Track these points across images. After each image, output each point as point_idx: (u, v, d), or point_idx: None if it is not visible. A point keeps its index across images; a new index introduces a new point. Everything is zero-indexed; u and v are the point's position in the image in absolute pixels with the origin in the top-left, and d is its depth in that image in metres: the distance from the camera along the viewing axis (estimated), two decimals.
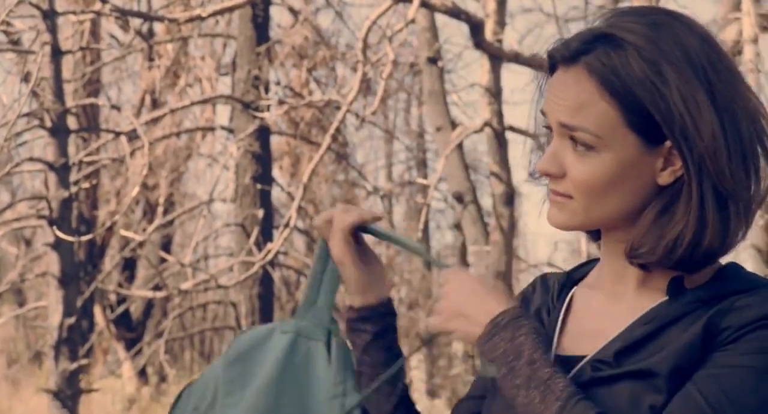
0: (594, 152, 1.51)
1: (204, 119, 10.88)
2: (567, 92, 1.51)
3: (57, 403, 6.15)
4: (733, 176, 1.50)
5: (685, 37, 1.51)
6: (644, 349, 1.55)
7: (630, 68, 1.48)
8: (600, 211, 1.56)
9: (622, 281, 1.61)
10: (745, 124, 1.52)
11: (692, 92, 1.48)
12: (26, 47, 6.31)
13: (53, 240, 6.15)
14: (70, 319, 6.22)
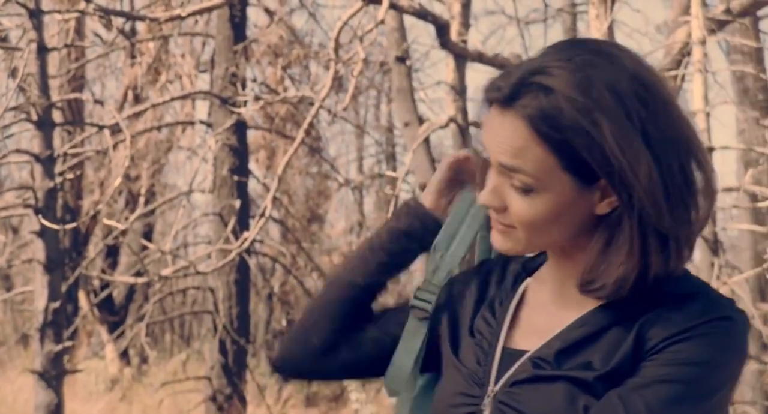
0: (533, 192, 1.49)
1: (184, 114, 10.84)
2: (504, 135, 1.49)
3: (42, 383, 6.12)
4: (672, 214, 1.48)
5: (614, 78, 1.47)
6: (583, 351, 1.53)
7: (562, 116, 1.45)
8: (541, 241, 1.55)
9: (565, 284, 1.59)
10: (681, 155, 1.49)
11: (626, 137, 1.45)
12: (13, 44, 6.26)
13: (39, 228, 6.12)
14: (55, 303, 6.19)
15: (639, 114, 1.46)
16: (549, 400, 1.51)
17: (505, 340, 1.61)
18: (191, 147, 11.82)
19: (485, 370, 1.60)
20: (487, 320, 1.66)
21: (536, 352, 1.56)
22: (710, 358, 1.49)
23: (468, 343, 1.66)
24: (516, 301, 1.65)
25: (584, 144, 1.45)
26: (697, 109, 6.87)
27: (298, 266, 11.65)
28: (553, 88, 1.45)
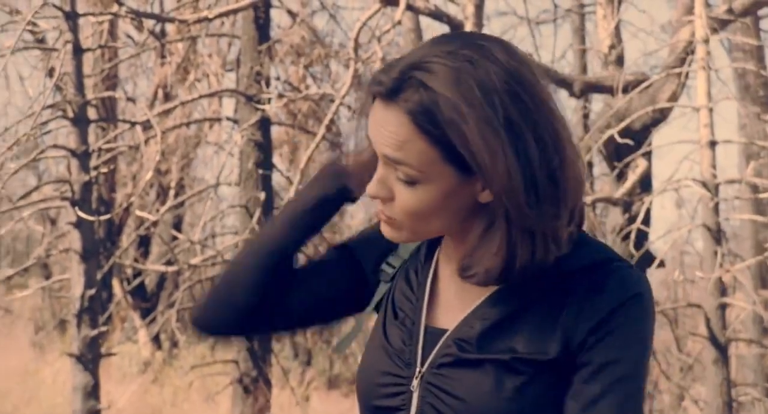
0: (417, 184, 1.47)
1: (211, 111, 10.85)
2: (389, 129, 1.47)
3: (79, 365, 6.16)
4: (535, 210, 1.45)
5: (488, 76, 1.44)
6: (505, 333, 1.51)
7: (439, 111, 1.43)
8: (427, 229, 1.53)
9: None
10: (549, 152, 1.46)
11: (489, 134, 1.43)
12: (50, 45, 6.28)
13: (75, 219, 6.15)
14: (91, 290, 6.22)
15: (507, 111, 1.43)
16: (477, 383, 1.49)
17: (426, 318, 1.59)
18: (218, 142, 11.84)
19: (411, 350, 1.57)
20: (407, 296, 1.63)
21: (458, 333, 1.54)
22: (639, 342, 1.50)
23: (392, 322, 1.63)
24: (431, 275, 1.62)
25: (456, 137, 1.43)
26: (701, 104, 6.85)
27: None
28: (430, 84, 1.44)
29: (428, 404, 1.52)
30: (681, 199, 12.81)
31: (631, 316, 1.49)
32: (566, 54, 11.80)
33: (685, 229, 7.41)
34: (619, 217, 7.85)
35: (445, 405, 1.51)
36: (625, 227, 7.57)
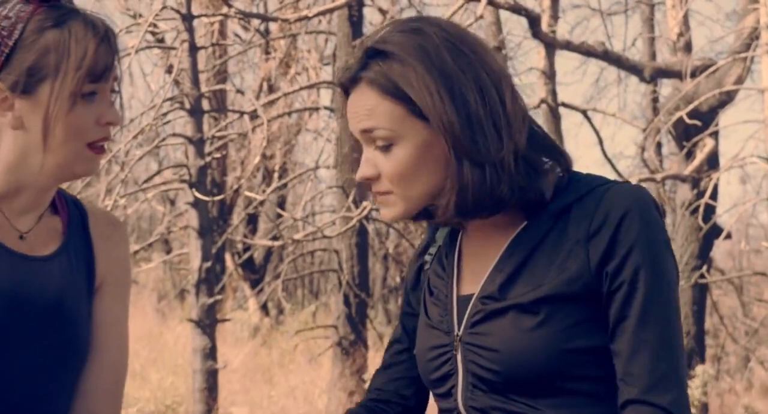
0: (394, 146, 1.48)
1: (310, 101, 10.92)
2: (358, 105, 1.49)
3: (198, 330, 6.27)
4: (476, 145, 1.46)
5: (428, 37, 1.48)
6: (522, 278, 1.50)
7: (394, 70, 1.47)
8: (416, 193, 1.51)
9: (477, 226, 1.56)
10: (489, 95, 1.48)
11: (431, 81, 1.46)
12: (169, 44, 6.39)
13: (192, 200, 6.24)
14: (207, 263, 6.32)
15: (446, 62, 1.47)
16: (504, 330, 1.48)
17: (457, 289, 1.58)
18: (317, 129, 11.92)
19: (447, 319, 1.56)
20: (438, 275, 1.63)
21: (482, 292, 1.52)
22: (657, 247, 1.47)
23: (430, 300, 1.62)
24: (457, 250, 1.61)
25: (411, 89, 1.46)
26: (766, 86, 6.67)
27: (409, 230, 11.65)
28: (384, 51, 1.48)
29: (471, 362, 1.51)
30: (746, 176, 12.53)
31: (639, 226, 1.46)
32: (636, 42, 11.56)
33: (750, 203, 7.28)
34: (687, 193, 7.70)
35: (484, 359, 1.49)
36: (694, 202, 7.45)
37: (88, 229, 1.76)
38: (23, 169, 1.62)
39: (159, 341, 9.49)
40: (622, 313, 1.46)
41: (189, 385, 6.84)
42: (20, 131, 1.59)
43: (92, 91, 1.60)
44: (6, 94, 1.57)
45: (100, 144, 1.63)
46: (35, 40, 1.58)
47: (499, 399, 1.49)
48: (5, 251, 1.63)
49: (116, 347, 1.75)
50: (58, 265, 1.68)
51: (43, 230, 1.71)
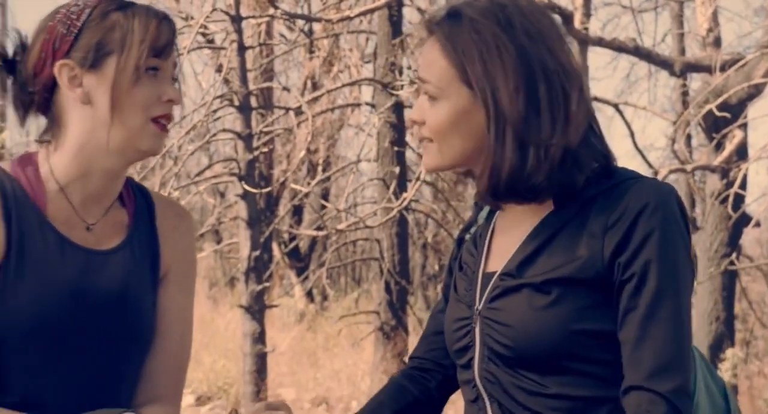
0: (437, 101, 1.50)
1: (352, 97, 10.93)
2: (423, 55, 1.52)
3: (248, 315, 6.31)
4: (525, 122, 1.45)
5: (511, 13, 1.47)
6: (539, 260, 1.49)
7: (460, 36, 1.47)
8: (449, 151, 1.52)
9: (510, 207, 1.55)
10: (554, 81, 1.46)
11: (496, 57, 1.45)
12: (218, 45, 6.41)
13: (242, 192, 6.28)
14: (256, 252, 6.35)
15: (521, 42, 1.46)
16: (517, 306, 1.48)
17: (485, 266, 1.58)
18: (359, 124, 11.92)
19: (471, 293, 1.56)
20: (470, 252, 1.63)
21: (503, 269, 1.52)
22: (670, 244, 1.44)
23: (459, 275, 1.63)
24: (490, 230, 1.62)
25: (471, 60, 1.47)
26: None
27: (447, 220, 11.65)
28: (462, 15, 1.48)
29: (487, 336, 1.51)
30: None
31: (655, 221, 1.44)
32: (666, 38, 11.42)
33: None
34: (717, 183, 7.61)
35: (498, 333, 1.50)
36: (723, 192, 7.35)
37: (154, 220, 1.77)
38: (91, 148, 1.64)
39: (211, 326, 9.57)
40: (631, 304, 1.44)
41: (239, 368, 6.89)
42: (88, 107, 1.62)
43: (155, 66, 1.62)
44: (76, 70, 1.61)
45: (163, 121, 1.64)
46: (101, 20, 1.61)
47: (510, 373, 1.49)
48: (71, 246, 1.64)
49: (179, 334, 1.76)
50: (122, 258, 1.69)
51: (110, 223, 1.72)
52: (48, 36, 1.62)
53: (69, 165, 1.66)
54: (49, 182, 1.67)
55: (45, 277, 1.63)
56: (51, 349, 1.62)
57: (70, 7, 1.62)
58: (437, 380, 1.72)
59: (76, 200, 1.69)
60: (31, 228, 1.64)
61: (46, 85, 1.63)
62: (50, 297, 1.61)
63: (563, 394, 1.47)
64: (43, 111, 1.67)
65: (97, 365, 1.66)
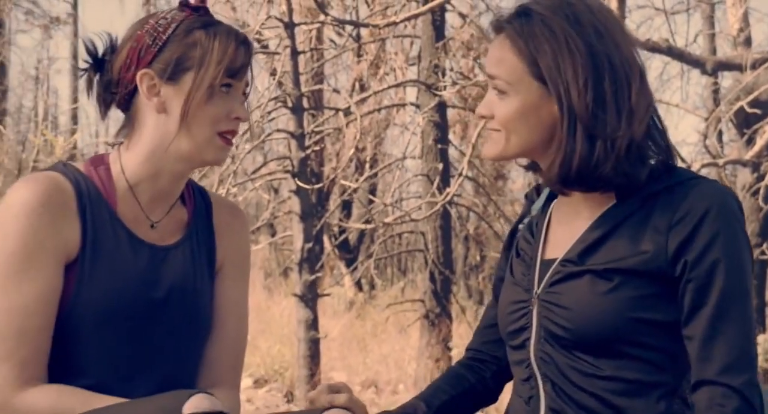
0: (507, 96, 1.49)
1: (398, 98, 10.91)
2: (493, 51, 1.51)
3: (302, 304, 6.34)
4: (595, 118, 1.44)
5: (579, 10, 1.46)
6: (602, 249, 1.48)
7: (531, 32, 1.46)
8: (518, 140, 1.51)
9: (573, 197, 1.55)
10: (620, 75, 1.45)
11: (567, 52, 1.44)
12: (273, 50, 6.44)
13: (295, 188, 6.31)
14: (308, 244, 6.38)
15: (589, 41, 1.45)
16: (577, 291, 1.48)
17: (542, 253, 1.57)
18: (404, 124, 11.89)
19: (529, 278, 1.56)
20: (527, 240, 1.62)
21: (564, 256, 1.52)
22: (735, 246, 1.43)
23: (516, 261, 1.63)
24: (546, 219, 1.61)
25: (543, 55, 1.45)
26: None
27: (488, 213, 11.59)
28: (532, 12, 1.47)
29: (544, 318, 1.51)
30: None
31: (720, 223, 1.43)
32: (697, 38, 11.23)
33: None
34: (748, 177, 7.49)
35: (556, 315, 1.49)
36: (754, 185, 7.25)
37: (211, 218, 1.79)
38: (161, 153, 1.66)
39: (267, 314, 9.63)
40: (699, 301, 1.43)
41: (294, 353, 6.94)
42: (162, 115, 1.65)
43: (228, 84, 1.64)
44: (155, 80, 1.63)
45: (228, 135, 1.66)
46: (184, 37, 1.64)
47: (566, 354, 1.49)
48: (137, 241, 1.67)
49: (235, 323, 1.78)
50: (182, 253, 1.71)
51: (172, 221, 1.74)
52: (135, 44, 1.64)
53: (140, 166, 1.69)
54: (119, 181, 1.69)
55: (115, 270, 1.65)
56: (120, 336, 1.65)
57: (159, 19, 1.65)
58: (492, 370, 1.73)
59: (144, 199, 1.71)
60: (104, 224, 1.67)
61: (127, 88, 1.66)
62: (120, 288, 1.64)
63: (617, 376, 1.47)
64: (123, 109, 1.70)
65: (162, 351, 1.68)
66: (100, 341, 1.63)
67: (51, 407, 1.55)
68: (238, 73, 1.64)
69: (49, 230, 1.60)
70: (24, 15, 15.48)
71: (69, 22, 16.01)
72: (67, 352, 1.62)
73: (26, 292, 1.57)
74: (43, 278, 1.59)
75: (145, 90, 1.63)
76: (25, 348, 1.57)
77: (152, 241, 1.69)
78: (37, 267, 1.58)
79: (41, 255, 1.59)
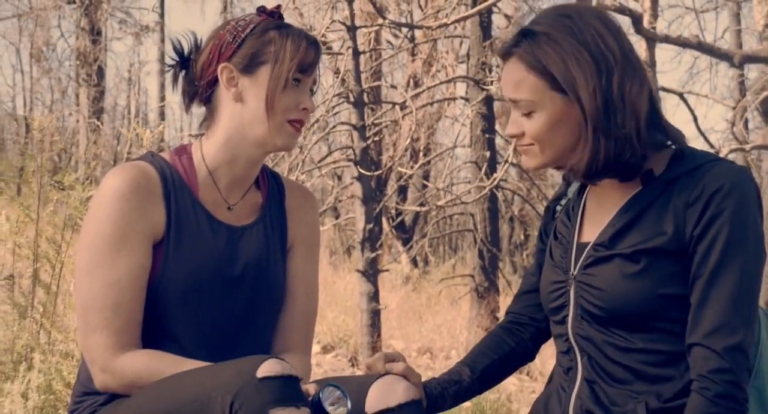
0: (534, 113, 1.46)
1: (449, 93, 10.83)
2: (508, 77, 1.47)
3: (364, 278, 6.36)
4: (607, 120, 1.42)
5: (577, 22, 1.44)
6: (630, 233, 1.46)
7: (541, 49, 1.43)
8: (552, 150, 1.48)
9: (604, 185, 1.53)
10: (621, 75, 1.43)
11: (576, 61, 1.42)
12: (336, 51, 6.43)
13: (357, 175, 6.31)
14: (369, 225, 6.39)
15: (593, 48, 1.43)
16: (609, 274, 1.46)
17: (578, 236, 1.56)
18: (454, 116, 11.84)
19: (566, 260, 1.55)
20: (564, 223, 1.60)
21: (596, 240, 1.50)
22: (742, 222, 1.40)
23: (554, 243, 1.61)
24: (581, 205, 1.59)
25: (557, 68, 1.43)
26: None
27: (532, 196, 11.49)
28: (536, 33, 1.44)
29: (581, 297, 1.50)
30: None
31: (729, 200, 1.40)
32: (725, 34, 10.94)
33: None
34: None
35: (591, 296, 1.48)
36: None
37: (284, 201, 1.80)
38: (238, 139, 1.68)
39: (332, 288, 9.69)
40: (698, 272, 1.42)
41: (357, 322, 6.96)
42: (239, 104, 1.67)
43: (298, 79, 1.66)
44: (234, 73, 1.66)
45: (297, 124, 1.68)
46: (261, 35, 1.66)
47: (601, 330, 1.48)
48: (216, 222, 1.69)
49: (305, 295, 1.78)
50: (257, 232, 1.72)
51: (247, 203, 1.75)
52: (217, 41, 1.68)
53: (218, 152, 1.70)
54: (200, 168, 1.71)
55: (197, 249, 1.67)
56: (202, 307, 1.66)
57: (239, 20, 1.68)
58: (530, 332, 1.72)
59: (222, 184, 1.72)
60: (186, 207, 1.68)
61: (209, 81, 1.69)
62: (201, 265, 1.66)
63: (649, 348, 1.46)
64: (204, 103, 1.72)
65: (240, 320, 1.69)
66: (185, 312, 1.64)
67: (144, 369, 1.57)
68: (308, 69, 1.66)
69: (138, 214, 1.61)
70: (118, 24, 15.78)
71: (157, 30, 16.23)
72: (156, 322, 1.64)
73: (120, 269, 1.59)
74: (134, 256, 1.61)
75: (224, 81, 1.65)
76: (120, 318, 1.59)
77: (230, 222, 1.70)
78: (128, 247, 1.60)
79: (132, 236, 1.61)
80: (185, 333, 1.65)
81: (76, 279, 1.62)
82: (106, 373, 1.59)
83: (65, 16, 15.39)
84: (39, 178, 3.58)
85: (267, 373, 1.42)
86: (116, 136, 14.06)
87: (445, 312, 9.53)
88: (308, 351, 1.79)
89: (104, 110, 15.37)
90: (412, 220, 13.36)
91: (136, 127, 3.82)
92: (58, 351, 3.32)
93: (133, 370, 1.58)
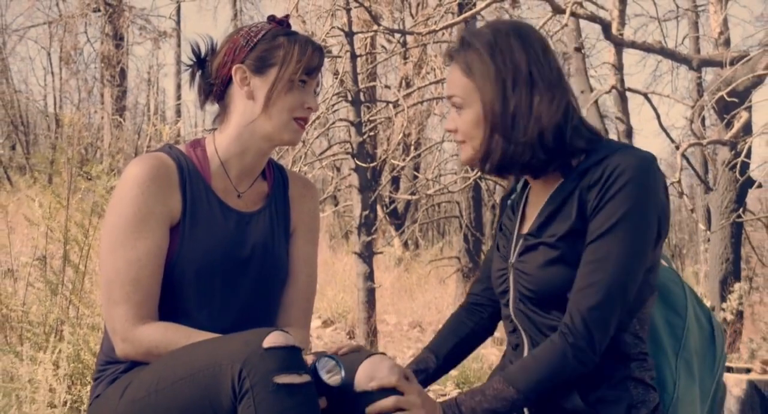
0: (462, 110, 1.49)
1: (437, 92, 10.70)
2: (448, 77, 1.54)
3: (360, 260, 6.36)
4: (512, 128, 1.44)
5: (501, 42, 1.46)
6: (553, 222, 1.48)
7: (469, 57, 1.48)
8: (476, 147, 1.50)
9: (539, 179, 1.55)
10: (530, 91, 1.44)
11: (492, 71, 1.45)
12: (335, 54, 6.41)
13: (354, 167, 6.31)
14: (365, 212, 6.39)
15: (507, 58, 1.46)
16: (535, 260, 1.48)
17: (519, 228, 1.58)
18: (442, 113, 11.79)
19: (508, 249, 1.57)
20: (509, 216, 1.62)
21: (527, 231, 1.53)
22: (634, 199, 1.40)
23: (500, 234, 1.64)
24: (523, 200, 1.61)
25: (474, 76, 1.48)
26: None
27: None
28: (470, 42, 1.50)
29: (517, 282, 1.53)
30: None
31: (623, 178, 1.40)
32: (685, 40, 10.94)
33: None
34: (727, 154, 7.30)
35: (525, 280, 1.50)
36: (732, 160, 7.06)
37: (287, 190, 1.81)
38: (248, 133, 1.69)
39: (332, 268, 9.70)
40: (587, 239, 1.44)
41: (354, 299, 6.98)
42: (250, 101, 1.68)
43: (303, 81, 1.67)
44: (247, 73, 1.67)
45: (301, 121, 1.68)
46: (271, 40, 1.68)
47: (535, 310, 1.50)
48: (227, 208, 1.69)
49: (306, 275, 1.79)
50: (263, 218, 1.73)
51: (255, 192, 1.75)
52: (232, 45, 1.68)
53: (230, 144, 1.71)
54: (213, 159, 1.71)
55: (209, 232, 1.67)
56: (214, 285, 1.66)
57: (251, 27, 1.69)
58: (488, 312, 1.74)
59: (233, 174, 1.73)
60: (200, 195, 1.69)
61: (223, 80, 1.70)
62: (213, 247, 1.66)
63: None
64: (218, 100, 1.73)
65: (247, 297, 1.70)
66: (199, 289, 1.65)
67: (161, 339, 1.57)
68: (313, 71, 1.67)
69: (156, 199, 1.62)
70: (138, 30, 15.72)
71: (173, 35, 16.16)
72: (173, 298, 1.64)
73: (139, 248, 1.60)
74: (153, 237, 1.61)
75: (238, 80, 1.66)
76: (139, 292, 1.59)
77: (239, 209, 1.70)
78: (147, 228, 1.60)
79: (151, 219, 1.61)
80: (198, 308, 1.66)
81: (101, 257, 1.62)
82: (126, 343, 1.60)
83: (91, 23, 15.35)
84: (69, 169, 3.58)
85: (272, 344, 1.43)
86: (137, 132, 14.02)
87: (434, 290, 9.55)
88: (307, 325, 1.80)
89: (126, 108, 15.32)
90: (404, 207, 13.37)
91: (155, 123, 3.81)
92: (86, 324, 3.33)
93: (150, 340, 1.58)
